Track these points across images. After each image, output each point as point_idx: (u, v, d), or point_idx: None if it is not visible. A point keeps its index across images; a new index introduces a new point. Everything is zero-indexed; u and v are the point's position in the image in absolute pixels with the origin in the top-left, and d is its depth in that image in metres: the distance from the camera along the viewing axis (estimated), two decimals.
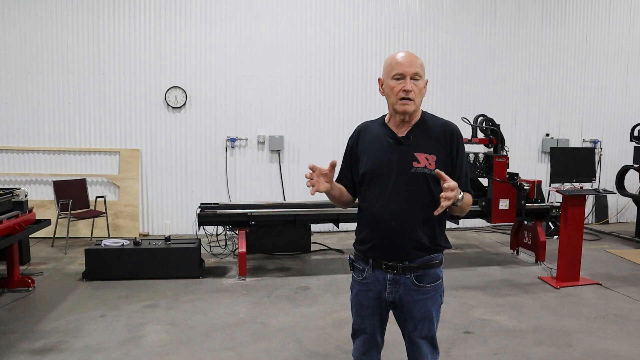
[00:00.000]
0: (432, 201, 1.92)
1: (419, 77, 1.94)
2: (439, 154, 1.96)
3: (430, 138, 1.99)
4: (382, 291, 2.03)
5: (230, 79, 7.24)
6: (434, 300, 2.03)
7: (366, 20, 7.47)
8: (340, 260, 5.97)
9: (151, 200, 7.24)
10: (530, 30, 7.96)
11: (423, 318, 2.02)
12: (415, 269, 1.98)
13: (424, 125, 2.02)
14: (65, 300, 4.43)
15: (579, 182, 5.09)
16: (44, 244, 6.51)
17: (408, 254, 1.97)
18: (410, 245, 1.96)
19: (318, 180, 2.00)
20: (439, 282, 2.05)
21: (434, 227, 1.99)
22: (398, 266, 1.98)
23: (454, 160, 2.00)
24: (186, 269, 5.08)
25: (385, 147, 2.01)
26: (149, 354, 3.39)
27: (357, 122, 8.18)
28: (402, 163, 1.96)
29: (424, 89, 1.99)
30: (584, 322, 4.01)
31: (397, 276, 1.99)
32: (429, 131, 2.00)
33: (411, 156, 1.95)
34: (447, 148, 1.99)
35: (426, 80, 2.01)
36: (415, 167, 1.94)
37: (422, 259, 1.99)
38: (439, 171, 1.81)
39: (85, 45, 6.94)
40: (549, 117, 8.20)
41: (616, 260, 5.99)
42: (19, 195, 4.96)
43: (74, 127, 7.03)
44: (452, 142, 2.00)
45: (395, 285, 2.00)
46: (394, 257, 1.99)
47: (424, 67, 2.00)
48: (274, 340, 3.63)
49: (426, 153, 1.95)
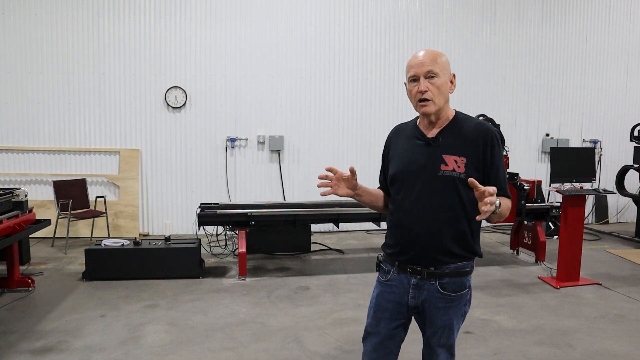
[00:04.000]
0: (462, 206, 1.84)
1: (435, 75, 1.83)
2: (469, 156, 1.84)
3: (461, 139, 1.87)
4: (404, 295, 1.95)
5: (230, 79, 7.24)
6: (457, 309, 1.92)
7: (366, 20, 7.47)
8: (340, 260, 5.97)
9: (151, 200, 7.24)
10: (530, 30, 7.96)
11: (443, 326, 1.92)
12: (441, 275, 1.89)
13: (456, 126, 1.90)
14: (65, 300, 4.43)
15: (579, 182, 5.09)
16: (44, 244, 6.51)
17: (434, 260, 1.88)
18: (436, 252, 1.87)
19: (337, 184, 1.97)
20: (465, 291, 1.94)
21: (463, 234, 1.88)
22: (423, 271, 1.89)
23: (488, 163, 1.86)
24: (186, 269, 5.08)
25: (414, 149, 1.93)
26: (149, 354, 3.39)
27: (357, 122, 8.19)
28: (429, 166, 1.87)
29: (446, 85, 1.87)
30: (584, 322, 4.01)
31: (421, 281, 1.91)
32: (460, 132, 1.88)
33: (439, 158, 1.86)
34: (480, 150, 1.85)
35: (452, 75, 1.90)
36: (442, 170, 1.84)
37: (450, 267, 1.89)
38: (473, 180, 1.66)
39: (85, 45, 6.94)
40: (549, 117, 8.20)
41: (616, 260, 5.99)
42: (19, 195, 4.96)
43: (74, 127, 7.03)
44: (486, 143, 1.86)
45: (418, 290, 1.92)
46: (419, 262, 1.90)
47: (445, 62, 1.87)
48: (274, 340, 3.63)
49: (455, 155, 1.85)
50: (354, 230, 7.57)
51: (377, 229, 6.71)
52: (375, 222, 5.66)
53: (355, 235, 7.34)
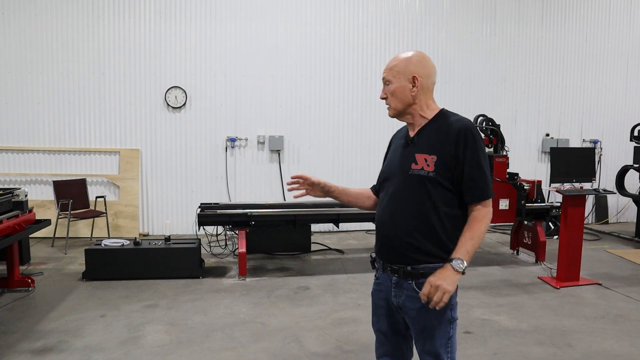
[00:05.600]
0: (432, 205, 1.81)
1: (388, 81, 1.92)
2: (440, 154, 1.81)
3: (434, 138, 1.86)
4: (389, 294, 1.95)
5: (230, 79, 7.24)
6: (437, 313, 1.83)
7: (366, 20, 7.47)
8: (340, 260, 5.97)
9: (151, 200, 7.24)
10: (530, 31, 7.96)
11: (423, 329, 1.87)
12: (417, 275, 1.85)
13: (434, 124, 1.89)
14: (65, 300, 4.43)
15: (579, 182, 5.09)
16: (44, 244, 6.51)
17: (408, 258, 1.87)
18: (408, 250, 1.86)
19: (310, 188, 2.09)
20: None
21: (435, 233, 1.83)
22: (400, 270, 1.89)
23: (460, 160, 1.80)
24: (186, 269, 5.08)
25: (397, 151, 1.99)
26: (149, 354, 3.39)
27: (357, 122, 8.18)
28: (403, 165, 1.90)
29: (401, 89, 1.89)
30: (584, 322, 4.01)
31: (400, 280, 1.90)
32: (437, 130, 1.87)
33: (412, 158, 1.87)
34: (451, 147, 1.80)
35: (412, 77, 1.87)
36: (412, 169, 1.85)
37: (427, 266, 1.83)
38: (421, 295, 1.74)
39: (85, 45, 6.94)
40: (549, 117, 8.20)
41: (616, 260, 5.99)
42: (19, 195, 4.95)
43: (74, 127, 7.03)
44: (458, 139, 1.79)
45: (399, 289, 1.91)
46: (396, 261, 1.91)
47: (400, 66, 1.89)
48: (274, 340, 3.63)
49: (425, 153, 1.84)
50: (354, 230, 7.57)
51: None
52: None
53: (355, 235, 7.34)
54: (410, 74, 1.88)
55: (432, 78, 1.92)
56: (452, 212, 1.84)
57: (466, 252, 1.76)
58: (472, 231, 1.80)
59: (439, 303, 1.72)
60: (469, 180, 1.81)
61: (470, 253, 1.77)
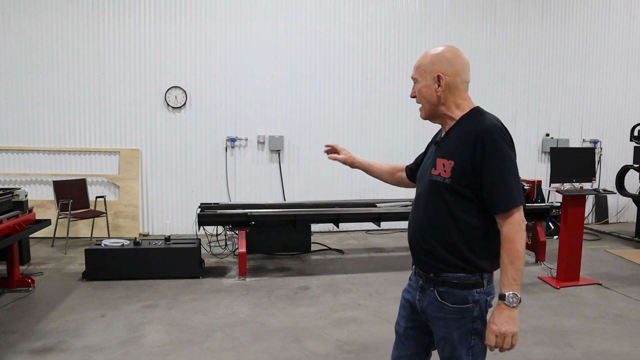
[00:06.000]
0: (449, 212, 1.72)
1: (415, 80, 1.84)
2: (457, 159, 1.70)
3: (455, 141, 1.75)
4: (415, 296, 1.89)
5: (230, 79, 7.24)
6: (458, 323, 1.75)
7: (366, 20, 7.47)
8: (340, 260, 5.97)
9: (151, 200, 7.24)
10: (530, 31, 7.96)
11: (443, 339, 1.79)
12: (438, 283, 1.78)
13: (459, 126, 1.78)
14: (65, 300, 4.43)
15: (579, 182, 5.09)
16: (44, 244, 6.51)
17: (427, 265, 1.80)
18: (425, 256, 1.80)
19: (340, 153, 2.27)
20: (467, 306, 1.74)
21: (453, 242, 1.73)
22: (424, 275, 1.83)
23: (478, 166, 1.67)
24: (186, 269, 5.08)
25: (429, 153, 1.93)
26: (149, 354, 3.39)
27: (357, 122, 8.18)
28: (428, 169, 1.84)
29: (426, 89, 1.80)
30: (584, 322, 4.01)
31: (424, 285, 1.83)
32: (458, 133, 1.76)
33: (434, 162, 1.80)
34: (469, 151, 1.68)
35: (437, 75, 1.78)
36: (432, 175, 1.78)
37: (448, 275, 1.75)
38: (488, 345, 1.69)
39: (85, 45, 6.94)
40: (549, 117, 8.20)
41: (616, 260, 5.99)
42: (19, 195, 4.96)
43: (74, 127, 7.03)
44: (476, 143, 1.66)
45: (423, 294, 1.84)
46: (418, 265, 1.87)
47: (426, 64, 1.80)
48: (274, 340, 3.63)
49: (445, 158, 1.74)
50: (354, 230, 7.57)
51: (377, 229, 6.71)
52: (375, 222, 5.66)
53: (355, 235, 7.34)
54: (435, 72, 1.78)
55: (461, 76, 1.82)
56: (472, 221, 1.72)
57: (512, 281, 1.65)
58: (509, 254, 1.66)
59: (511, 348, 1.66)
60: (488, 188, 1.67)
61: (517, 280, 1.66)
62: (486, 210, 1.71)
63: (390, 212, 5.63)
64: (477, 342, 1.77)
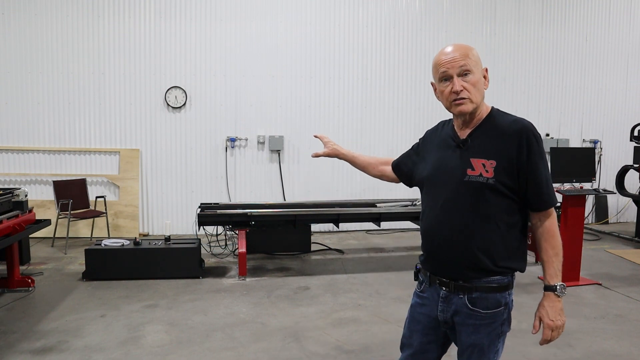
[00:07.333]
0: (491, 214, 1.66)
1: (469, 71, 1.67)
2: (500, 159, 1.64)
3: (492, 140, 1.68)
4: (434, 308, 1.79)
5: (230, 79, 7.24)
6: (489, 328, 1.71)
7: (366, 20, 7.47)
8: (340, 260, 5.97)
9: (151, 200, 7.24)
10: (530, 31, 7.96)
11: (472, 345, 1.72)
12: (470, 290, 1.70)
13: (489, 124, 1.72)
14: (65, 300, 4.43)
15: (579, 182, 5.09)
16: (44, 244, 6.51)
17: (462, 273, 1.71)
18: (463, 265, 1.70)
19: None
20: (499, 310, 1.72)
21: (494, 246, 1.67)
22: (450, 284, 1.73)
23: (524, 166, 1.64)
24: (186, 269, 5.08)
25: (445, 152, 1.78)
26: (148, 354, 3.39)
27: (357, 122, 8.17)
28: (457, 170, 1.70)
29: (481, 81, 1.70)
30: (584, 322, 4.01)
31: (449, 294, 1.74)
32: (493, 132, 1.70)
33: (467, 162, 1.69)
34: (513, 151, 1.64)
35: (484, 69, 1.73)
36: (469, 175, 1.67)
37: (480, 280, 1.69)
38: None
39: (85, 45, 6.94)
40: (549, 117, 8.20)
41: (616, 260, 5.99)
42: (19, 195, 4.96)
43: (74, 127, 7.03)
44: (521, 142, 1.63)
45: (447, 304, 1.75)
46: (446, 274, 1.75)
47: (477, 55, 1.73)
48: (274, 340, 3.63)
49: (484, 158, 1.66)
50: (354, 230, 7.57)
51: (377, 229, 6.71)
52: (375, 222, 5.66)
53: (355, 235, 7.34)
54: (482, 66, 1.73)
55: None
56: (512, 220, 1.70)
57: (559, 272, 1.70)
58: (553, 247, 1.72)
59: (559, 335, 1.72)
60: (535, 187, 1.66)
61: (561, 271, 1.70)
62: (523, 208, 1.72)
63: (390, 212, 5.63)
64: (501, 345, 1.78)
